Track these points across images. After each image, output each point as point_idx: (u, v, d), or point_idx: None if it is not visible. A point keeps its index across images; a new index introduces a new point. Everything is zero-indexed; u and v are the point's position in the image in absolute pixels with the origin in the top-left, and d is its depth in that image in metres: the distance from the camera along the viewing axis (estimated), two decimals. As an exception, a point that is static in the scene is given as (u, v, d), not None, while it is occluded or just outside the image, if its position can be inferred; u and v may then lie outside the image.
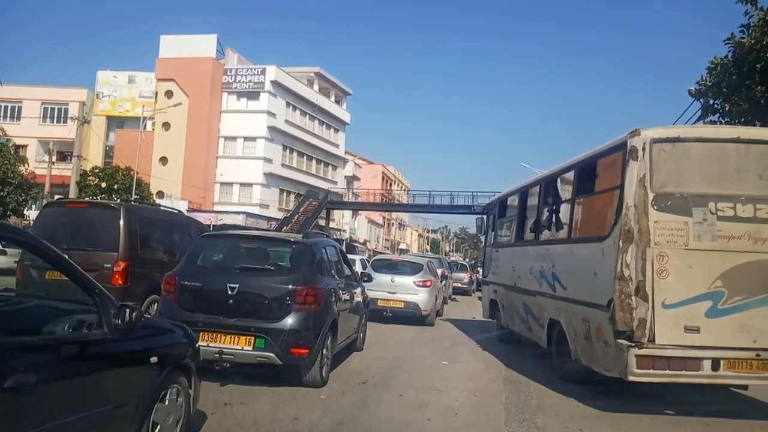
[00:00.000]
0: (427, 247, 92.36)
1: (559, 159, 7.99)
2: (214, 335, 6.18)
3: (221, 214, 41.38)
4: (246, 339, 6.20)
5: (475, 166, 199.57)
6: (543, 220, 8.99)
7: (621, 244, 6.03)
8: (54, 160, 38.11)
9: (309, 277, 6.74)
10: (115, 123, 49.63)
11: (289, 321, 6.28)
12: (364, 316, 9.56)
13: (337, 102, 60.40)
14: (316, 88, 55.86)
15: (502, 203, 12.14)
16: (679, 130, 6.51)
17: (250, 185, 48.36)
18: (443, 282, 18.63)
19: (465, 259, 66.93)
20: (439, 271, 17.82)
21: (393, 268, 14.82)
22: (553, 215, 8.59)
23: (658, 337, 5.87)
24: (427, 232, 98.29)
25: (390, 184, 76.69)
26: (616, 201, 6.31)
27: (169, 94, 46.60)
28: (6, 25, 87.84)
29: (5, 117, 47.25)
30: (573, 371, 7.44)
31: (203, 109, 46.84)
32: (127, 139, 44.75)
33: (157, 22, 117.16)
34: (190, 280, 6.62)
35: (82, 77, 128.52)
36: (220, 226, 9.66)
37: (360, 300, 9.19)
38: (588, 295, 6.77)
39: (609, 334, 6.16)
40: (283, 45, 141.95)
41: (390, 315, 13.85)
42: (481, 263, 17.23)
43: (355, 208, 59.52)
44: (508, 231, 11.48)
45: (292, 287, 6.44)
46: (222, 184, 48.51)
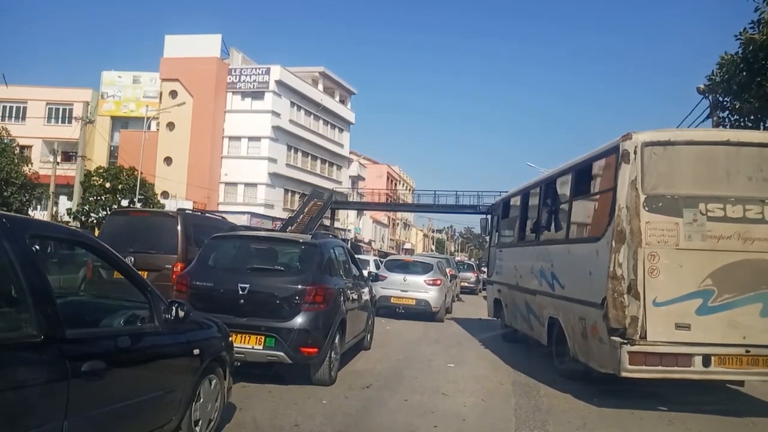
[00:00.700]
0: (432, 247, 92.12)
1: (564, 159, 8.28)
2: None
3: (226, 215, 41.18)
4: (257, 338, 6.34)
5: (480, 165, 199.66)
6: (543, 221, 9.19)
7: (614, 244, 6.19)
8: (59, 160, 38.00)
9: (318, 277, 6.86)
10: (119, 123, 49.47)
11: (299, 320, 6.41)
12: (371, 315, 9.75)
13: (342, 102, 60.29)
14: (320, 87, 55.76)
15: (505, 204, 12.38)
16: (670, 134, 6.64)
17: (255, 185, 48.27)
18: (452, 281, 19.19)
19: (470, 258, 67.06)
20: (447, 271, 18.33)
21: (405, 267, 15.74)
22: (552, 216, 8.77)
23: (650, 334, 6.03)
24: (432, 231, 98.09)
25: (395, 184, 76.46)
26: (610, 203, 6.47)
27: (173, 94, 46.43)
28: (11, 26, 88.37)
29: (10, 117, 47.16)
30: (571, 368, 7.58)
31: (208, 109, 46.78)
32: (132, 139, 44.21)
33: (162, 22, 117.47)
34: (202, 280, 6.81)
35: (86, 78, 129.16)
36: (232, 227, 10.14)
37: (368, 299, 9.35)
38: (584, 294, 6.93)
39: (603, 332, 6.31)
40: (288, 45, 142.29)
41: (403, 311, 14.64)
42: (485, 263, 17.66)
43: (360, 208, 59.23)
44: (511, 231, 11.68)
45: (302, 287, 6.59)
46: (226, 184, 48.48)
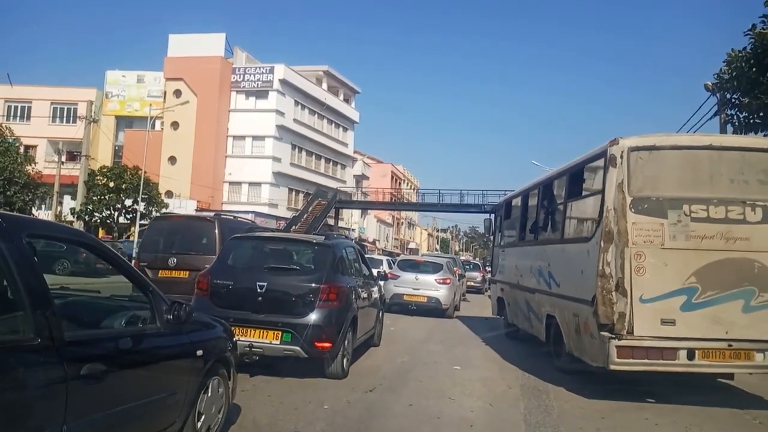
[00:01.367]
0: (437, 247, 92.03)
1: (568, 158, 8.53)
2: (245, 330, 6.65)
3: (230, 214, 41.31)
4: (274, 333, 6.71)
5: (484, 164, 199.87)
6: (540, 222, 9.59)
7: (602, 244, 6.57)
8: (64, 159, 38.24)
9: (331, 276, 7.23)
10: (124, 123, 49.51)
11: (314, 317, 6.77)
12: (380, 312, 10.19)
13: (346, 101, 60.28)
14: (324, 86, 55.73)
15: (508, 205, 12.80)
16: (655, 139, 6.94)
17: (259, 184, 48.31)
18: (459, 280, 19.93)
19: (475, 258, 67.06)
20: (455, 271, 19.01)
21: (417, 267, 16.86)
22: (549, 217, 9.16)
23: (637, 330, 6.40)
24: (437, 231, 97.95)
25: (399, 183, 76.43)
26: (599, 204, 6.86)
27: (177, 93, 46.35)
28: (15, 25, 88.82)
29: (15, 117, 47.00)
30: (568, 363, 7.92)
31: (212, 108, 46.79)
32: (136, 138, 43.47)
33: (166, 21, 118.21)
34: (222, 278, 7.18)
35: (90, 77, 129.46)
36: (249, 228, 10.75)
37: (377, 297, 9.80)
38: (577, 292, 7.30)
39: (594, 327, 6.70)
40: (292, 44, 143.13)
41: (415, 308, 15.77)
42: (489, 263, 18.36)
43: (364, 207, 59.00)
44: (512, 232, 12.07)
45: (316, 285, 6.96)
46: (231, 183, 48.49)
